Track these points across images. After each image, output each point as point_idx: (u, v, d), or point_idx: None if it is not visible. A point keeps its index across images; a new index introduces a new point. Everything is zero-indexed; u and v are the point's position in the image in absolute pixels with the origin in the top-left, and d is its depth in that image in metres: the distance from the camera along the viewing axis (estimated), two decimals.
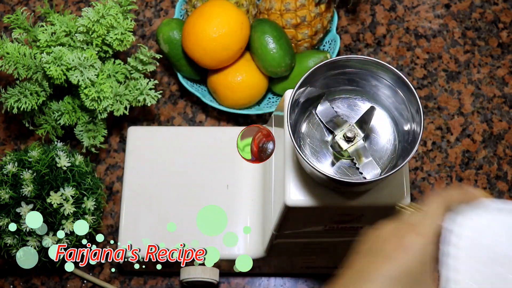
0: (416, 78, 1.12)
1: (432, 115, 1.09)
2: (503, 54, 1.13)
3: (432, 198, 0.63)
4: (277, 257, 0.94)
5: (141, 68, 1.03)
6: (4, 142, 1.09)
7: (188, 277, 0.93)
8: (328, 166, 0.75)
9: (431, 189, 1.04)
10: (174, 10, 1.14)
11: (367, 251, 0.61)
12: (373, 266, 0.59)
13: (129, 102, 1.02)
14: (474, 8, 1.16)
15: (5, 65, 0.96)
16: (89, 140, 1.01)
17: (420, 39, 1.14)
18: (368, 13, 1.16)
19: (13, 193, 0.90)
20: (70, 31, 1.00)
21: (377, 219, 0.83)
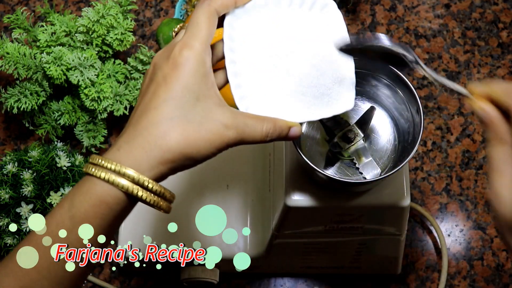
0: (416, 78, 1.11)
1: (432, 115, 1.09)
2: (503, 54, 1.13)
3: (197, 10, 0.62)
4: (277, 257, 0.94)
5: (141, 68, 1.03)
6: (4, 142, 1.09)
7: (188, 277, 0.93)
8: (328, 166, 0.75)
9: (431, 189, 1.04)
10: (174, 10, 1.14)
11: (148, 84, 0.61)
12: (154, 95, 0.59)
13: (129, 102, 1.02)
14: (474, 8, 1.16)
15: (5, 65, 0.96)
16: (89, 140, 1.01)
17: (420, 39, 1.14)
18: (368, 13, 1.16)
19: (13, 193, 0.90)
20: (70, 31, 1.00)
21: (377, 219, 0.83)
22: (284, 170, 0.79)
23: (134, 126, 0.59)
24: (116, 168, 0.58)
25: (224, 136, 0.59)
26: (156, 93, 0.59)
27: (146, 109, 0.59)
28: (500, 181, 0.55)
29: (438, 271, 1.00)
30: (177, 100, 0.59)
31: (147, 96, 0.60)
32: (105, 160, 0.58)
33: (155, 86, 0.60)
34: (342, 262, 0.95)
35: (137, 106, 0.61)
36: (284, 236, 0.87)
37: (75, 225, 0.58)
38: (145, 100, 0.60)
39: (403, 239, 0.89)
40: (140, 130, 0.58)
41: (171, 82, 0.59)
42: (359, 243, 0.89)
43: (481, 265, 1.00)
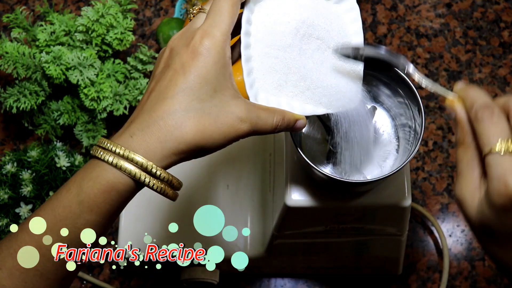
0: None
1: (433, 115, 1.08)
2: (504, 53, 1.12)
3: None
4: (277, 257, 0.94)
5: (141, 68, 1.02)
6: (3, 142, 1.08)
7: (188, 277, 0.93)
8: (329, 166, 0.75)
9: (432, 189, 1.04)
10: (174, 9, 1.13)
11: (164, 69, 0.60)
12: (171, 83, 0.58)
13: (129, 102, 1.01)
14: (476, 7, 1.16)
15: (4, 65, 0.96)
16: (88, 140, 1.01)
17: (421, 38, 1.14)
18: (369, 12, 1.16)
19: (12, 193, 0.90)
20: (69, 31, 1.00)
21: (378, 219, 0.83)
22: (284, 170, 0.78)
23: (149, 113, 0.58)
24: (125, 153, 0.57)
25: (238, 129, 0.59)
26: (173, 81, 0.58)
27: (162, 96, 0.58)
28: (462, 183, 0.56)
29: (439, 272, 1.00)
30: (195, 91, 0.58)
31: (162, 82, 0.59)
32: (113, 144, 0.58)
33: (172, 72, 0.59)
34: (343, 263, 0.95)
35: (150, 89, 0.60)
36: (284, 236, 0.87)
37: (83, 210, 0.58)
38: (161, 86, 0.59)
39: (404, 239, 0.89)
40: (155, 118, 0.57)
41: (189, 71, 0.58)
42: (360, 243, 0.89)
43: (482, 265, 1.00)
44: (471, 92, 0.57)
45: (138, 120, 0.58)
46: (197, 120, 0.57)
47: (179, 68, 0.58)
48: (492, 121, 0.54)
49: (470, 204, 0.56)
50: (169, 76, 0.59)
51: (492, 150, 0.53)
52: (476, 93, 0.57)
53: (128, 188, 0.59)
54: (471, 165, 0.56)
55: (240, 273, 1.00)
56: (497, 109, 0.55)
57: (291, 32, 0.62)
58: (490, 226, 0.55)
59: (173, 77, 0.58)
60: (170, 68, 0.59)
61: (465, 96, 0.57)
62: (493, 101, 0.56)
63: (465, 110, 0.57)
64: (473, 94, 0.57)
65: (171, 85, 0.58)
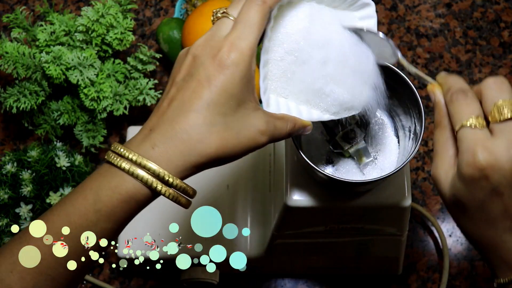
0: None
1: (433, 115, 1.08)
2: (504, 53, 1.12)
3: (251, 5, 0.59)
4: (277, 258, 0.94)
5: (141, 68, 1.02)
6: (3, 142, 1.08)
7: (188, 277, 0.93)
8: (329, 166, 0.75)
9: (432, 189, 1.04)
10: (174, 9, 1.13)
11: (187, 78, 0.59)
12: (195, 95, 0.57)
13: (129, 102, 1.01)
14: (476, 7, 1.16)
15: (4, 65, 0.96)
16: (88, 140, 1.01)
17: (421, 38, 1.14)
18: None
19: (12, 193, 0.90)
20: (69, 31, 1.00)
21: (378, 219, 0.83)
22: (284, 170, 0.78)
23: (171, 124, 0.57)
24: (138, 159, 0.57)
25: (258, 142, 0.60)
26: (197, 93, 0.57)
27: (186, 108, 0.57)
28: (437, 162, 0.59)
29: (439, 272, 1.00)
30: (219, 106, 0.57)
31: (185, 92, 0.58)
32: (128, 151, 0.58)
33: (196, 84, 0.58)
34: (343, 263, 0.95)
35: (171, 96, 0.59)
36: (284, 236, 0.87)
37: (100, 218, 0.58)
38: (184, 96, 0.58)
39: (404, 239, 0.89)
40: (178, 131, 0.57)
41: (215, 85, 0.57)
42: (360, 243, 0.89)
43: (482, 265, 1.00)
44: (450, 78, 0.60)
45: (159, 130, 0.58)
46: (220, 135, 0.57)
47: (204, 80, 0.57)
48: (466, 102, 0.58)
49: (444, 181, 0.58)
50: (193, 87, 0.58)
51: (462, 124, 0.56)
52: (453, 79, 0.60)
53: (146, 197, 0.59)
54: (446, 145, 0.59)
55: (240, 273, 1.00)
56: (470, 92, 0.59)
57: (307, 43, 0.62)
58: (461, 200, 0.57)
59: (197, 88, 0.57)
60: (193, 78, 0.58)
61: (444, 83, 0.60)
62: (468, 86, 0.59)
63: (443, 94, 0.60)
64: (451, 80, 0.60)
65: (196, 97, 0.57)
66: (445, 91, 0.60)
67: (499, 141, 0.55)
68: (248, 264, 0.96)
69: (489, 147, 0.55)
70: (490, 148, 0.55)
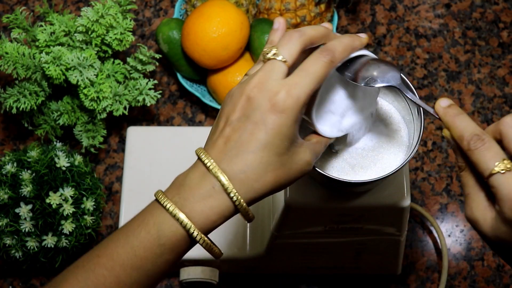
0: (416, 78, 1.11)
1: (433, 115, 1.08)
2: (503, 54, 1.13)
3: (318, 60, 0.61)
4: (277, 258, 0.94)
5: (141, 68, 1.02)
6: (3, 142, 1.08)
7: (187, 277, 0.93)
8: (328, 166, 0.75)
9: (431, 189, 1.04)
10: (174, 9, 1.13)
11: (243, 119, 0.61)
12: (252, 137, 0.60)
13: (129, 102, 1.01)
14: (475, 7, 1.16)
15: (4, 65, 0.96)
16: (88, 140, 1.01)
17: (421, 39, 1.14)
18: (368, 12, 1.16)
19: (12, 193, 0.90)
20: (69, 31, 1.00)
21: (377, 219, 0.83)
22: None
23: (229, 165, 0.60)
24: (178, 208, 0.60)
25: (305, 172, 0.63)
26: (254, 135, 0.60)
27: (243, 149, 0.60)
28: (472, 205, 0.60)
29: (438, 272, 1.00)
30: (275, 147, 0.60)
31: (242, 134, 0.60)
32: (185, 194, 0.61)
33: (252, 126, 0.60)
34: (342, 263, 0.95)
35: (226, 136, 0.61)
36: (284, 236, 0.87)
37: (164, 251, 0.61)
38: (241, 137, 0.60)
39: (403, 239, 0.89)
40: (236, 172, 0.60)
41: (272, 128, 0.59)
42: (359, 243, 0.89)
43: (481, 265, 1.00)
44: (457, 121, 0.60)
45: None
46: (275, 173, 0.61)
47: (260, 123, 0.59)
48: (485, 147, 0.58)
49: (483, 223, 0.60)
50: (249, 129, 0.60)
51: (492, 172, 0.57)
52: (461, 122, 0.60)
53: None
54: (476, 188, 0.60)
55: (240, 273, 1.00)
56: (485, 135, 0.59)
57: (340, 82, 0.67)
58: (507, 240, 0.59)
59: (254, 131, 0.60)
60: (250, 120, 0.60)
61: (452, 128, 0.61)
62: (479, 128, 0.60)
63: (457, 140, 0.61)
64: (459, 124, 0.60)
65: (253, 139, 0.60)
66: (457, 137, 0.60)
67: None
68: (248, 264, 0.96)
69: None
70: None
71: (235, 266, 0.97)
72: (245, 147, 0.60)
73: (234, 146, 0.60)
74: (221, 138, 0.61)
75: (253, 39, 1.03)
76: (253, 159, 0.60)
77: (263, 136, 0.59)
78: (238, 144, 0.60)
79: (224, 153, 0.60)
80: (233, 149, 0.60)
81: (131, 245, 0.61)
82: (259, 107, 0.60)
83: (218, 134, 0.62)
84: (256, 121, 0.60)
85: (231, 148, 0.60)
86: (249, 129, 0.60)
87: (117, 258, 0.61)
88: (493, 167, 0.57)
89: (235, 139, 0.60)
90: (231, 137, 0.60)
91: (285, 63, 0.61)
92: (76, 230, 0.91)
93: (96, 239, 1.01)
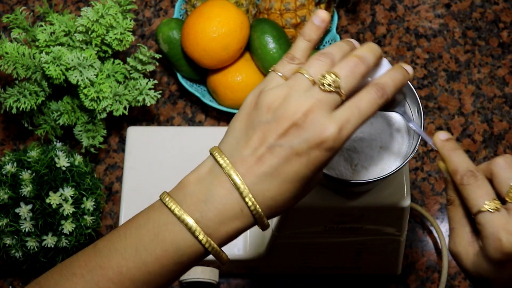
0: (416, 78, 1.11)
1: (433, 115, 1.08)
2: (503, 54, 1.13)
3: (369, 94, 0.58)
4: (277, 258, 0.94)
5: (141, 68, 1.02)
6: (3, 142, 1.08)
7: (187, 277, 0.93)
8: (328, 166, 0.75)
9: (431, 189, 1.04)
10: (174, 9, 1.13)
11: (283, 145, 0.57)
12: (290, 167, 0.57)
13: (129, 102, 1.01)
14: (475, 7, 1.16)
15: (4, 65, 0.96)
16: (88, 140, 1.01)
17: (420, 39, 1.14)
18: (368, 12, 1.16)
19: (12, 193, 0.90)
20: (69, 31, 1.00)
21: (377, 219, 0.83)
22: None
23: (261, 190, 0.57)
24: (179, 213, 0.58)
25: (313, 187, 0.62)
26: (294, 166, 0.57)
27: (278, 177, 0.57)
28: (456, 239, 0.62)
29: (438, 272, 1.00)
30: (309, 180, 0.58)
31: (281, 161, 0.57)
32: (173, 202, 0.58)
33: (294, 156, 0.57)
34: (342, 263, 0.95)
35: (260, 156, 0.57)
36: (284, 236, 0.87)
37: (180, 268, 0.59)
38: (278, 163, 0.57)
39: (403, 239, 0.89)
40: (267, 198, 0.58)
41: (314, 164, 0.57)
42: (359, 243, 0.89)
43: None
44: (454, 157, 0.62)
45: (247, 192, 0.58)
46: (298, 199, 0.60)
47: (303, 156, 0.56)
48: (477, 184, 0.60)
49: (465, 258, 0.61)
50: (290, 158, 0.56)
51: (481, 210, 0.58)
52: (458, 157, 0.61)
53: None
54: (462, 223, 0.62)
55: (240, 273, 1.00)
56: (479, 174, 0.60)
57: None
58: (487, 277, 0.60)
59: (294, 162, 0.57)
60: (292, 150, 0.56)
61: (448, 161, 0.62)
62: (474, 165, 0.61)
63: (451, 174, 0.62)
64: (455, 158, 0.61)
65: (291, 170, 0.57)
66: (451, 170, 0.62)
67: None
68: (248, 264, 0.96)
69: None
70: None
71: (235, 266, 0.97)
72: (281, 175, 0.57)
73: (268, 170, 0.57)
74: (252, 156, 0.57)
75: (253, 39, 1.03)
76: (286, 189, 0.57)
77: (303, 170, 0.57)
78: (272, 170, 0.57)
79: (254, 174, 0.57)
80: (267, 174, 0.57)
81: (143, 261, 0.58)
82: (306, 140, 0.56)
83: (250, 150, 0.57)
84: (300, 153, 0.56)
85: (264, 172, 0.57)
86: (289, 158, 0.56)
87: (127, 273, 0.58)
88: (483, 205, 0.58)
89: (270, 164, 0.57)
90: (266, 160, 0.57)
91: (341, 97, 0.57)
92: (76, 230, 0.91)
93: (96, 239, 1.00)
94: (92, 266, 0.59)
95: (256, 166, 0.57)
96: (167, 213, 0.58)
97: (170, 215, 0.58)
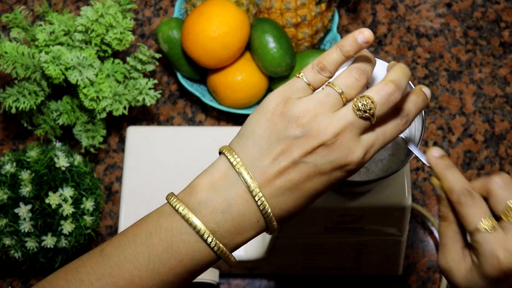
0: (417, 78, 1.11)
1: (434, 115, 1.08)
2: (505, 53, 1.12)
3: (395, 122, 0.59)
4: (277, 258, 0.94)
5: (141, 68, 1.02)
6: (3, 142, 1.08)
7: None
8: None
9: (432, 189, 1.04)
10: (174, 9, 1.13)
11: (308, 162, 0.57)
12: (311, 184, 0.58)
13: (128, 102, 1.01)
14: (476, 7, 1.16)
15: (4, 65, 0.95)
16: (88, 140, 1.01)
17: (422, 38, 1.14)
18: (369, 12, 1.16)
19: (11, 194, 0.89)
20: (69, 30, 1.00)
21: (378, 219, 0.83)
22: None
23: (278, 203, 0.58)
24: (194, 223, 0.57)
25: None
26: (314, 183, 0.58)
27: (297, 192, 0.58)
28: (447, 255, 0.62)
29: (439, 272, 0.99)
30: (324, 193, 0.60)
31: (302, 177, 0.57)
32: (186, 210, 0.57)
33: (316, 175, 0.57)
34: (343, 263, 0.95)
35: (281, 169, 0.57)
36: (284, 237, 0.87)
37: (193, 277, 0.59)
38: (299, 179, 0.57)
39: (404, 239, 0.89)
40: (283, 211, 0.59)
41: (334, 182, 0.59)
42: (360, 244, 0.89)
43: None
44: (449, 175, 0.61)
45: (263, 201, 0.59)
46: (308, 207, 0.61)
47: (325, 175, 0.57)
48: (474, 203, 0.60)
49: (457, 273, 0.61)
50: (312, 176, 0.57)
51: (479, 228, 0.59)
52: (453, 176, 0.61)
53: None
54: (454, 239, 0.62)
55: (240, 273, 1.00)
56: (475, 192, 0.60)
57: None
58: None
59: (315, 180, 0.57)
60: (316, 168, 0.57)
61: (443, 180, 0.62)
62: (469, 183, 0.61)
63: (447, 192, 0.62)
64: (451, 178, 0.61)
65: (311, 187, 0.58)
66: (447, 189, 0.61)
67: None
68: (248, 264, 0.96)
69: (509, 249, 0.58)
70: (510, 249, 0.58)
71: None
72: (300, 191, 0.57)
73: (287, 185, 0.57)
74: (272, 168, 0.57)
75: (253, 38, 1.03)
76: (301, 203, 0.58)
77: (322, 187, 0.58)
78: (292, 185, 0.57)
79: (273, 186, 0.57)
80: (285, 188, 0.57)
81: (157, 271, 0.57)
82: (331, 161, 0.57)
83: (271, 161, 0.57)
84: (323, 172, 0.57)
85: (284, 186, 0.57)
86: (312, 176, 0.57)
87: (139, 282, 0.57)
88: (479, 223, 0.59)
89: (291, 179, 0.57)
90: (288, 174, 0.57)
91: (372, 123, 0.58)
92: (75, 231, 0.91)
93: (96, 240, 1.00)
94: (101, 273, 0.57)
95: (277, 179, 0.57)
96: (180, 222, 0.57)
97: (184, 224, 0.57)
